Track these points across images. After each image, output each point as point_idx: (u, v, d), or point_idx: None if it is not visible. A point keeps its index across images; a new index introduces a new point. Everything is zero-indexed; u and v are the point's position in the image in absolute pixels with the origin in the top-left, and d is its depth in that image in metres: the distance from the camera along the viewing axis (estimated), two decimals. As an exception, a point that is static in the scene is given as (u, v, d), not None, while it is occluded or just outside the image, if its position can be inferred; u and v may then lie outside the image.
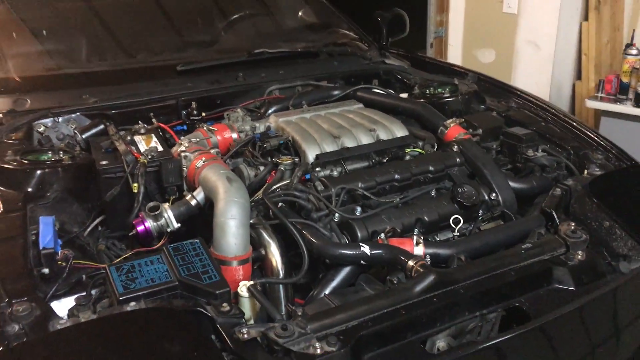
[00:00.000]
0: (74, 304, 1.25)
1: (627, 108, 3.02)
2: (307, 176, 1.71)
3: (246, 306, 1.40)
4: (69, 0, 2.50)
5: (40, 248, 1.38)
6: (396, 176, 1.70)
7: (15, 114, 1.95)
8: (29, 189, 1.57)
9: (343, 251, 1.46)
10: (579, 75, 4.08)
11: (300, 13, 3.00)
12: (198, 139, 1.83)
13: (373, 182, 1.67)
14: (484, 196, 1.72)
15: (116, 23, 2.44)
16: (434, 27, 4.50)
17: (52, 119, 1.92)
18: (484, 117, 2.14)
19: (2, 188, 1.56)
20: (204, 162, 1.62)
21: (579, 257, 1.50)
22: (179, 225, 1.56)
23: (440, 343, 1.33)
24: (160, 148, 1.77)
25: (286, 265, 1.51)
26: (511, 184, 1.80)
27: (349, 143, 1.83)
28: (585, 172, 1.88)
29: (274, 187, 1.66)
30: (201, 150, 1.70)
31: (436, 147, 1.95)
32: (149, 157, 1.70)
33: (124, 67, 2.30)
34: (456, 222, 1.64)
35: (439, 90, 2.28)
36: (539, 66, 4.08)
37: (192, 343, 1.17)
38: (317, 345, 1.19)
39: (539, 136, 2.02)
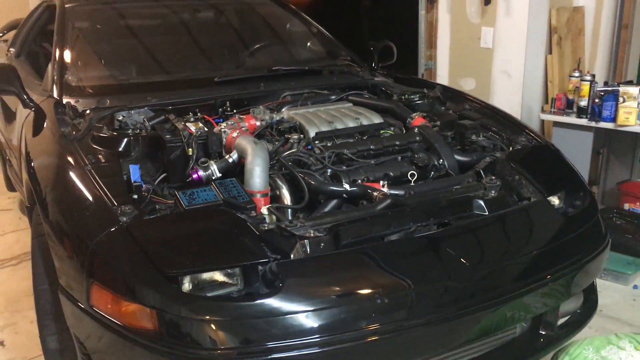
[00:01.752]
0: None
1: (571, 119, 3.74)
2: (309, 147, 2.44)
3: (267, 220, 2.11)
4: (135, 33, 3.33)
5: (133, 181, 2.11)
6: (371, 146, 2.43)
7: (99, 110, 2.71)
8: (120, 150, 2.30)
9: (331, 187, 2.18)
10: (546, 99, 4.81)
11: (309, 44, 3.79)
12: (232, 123, 2.57)
13: (355, 150, 2.40)
14: (434, 161, 2.43)
15: (172, 48, 3.26)
16: (424, 60, 5.27)
17: (127, 111, 2.67)
18: (443, 114, 2.88)
19: (102, 149, 2.30)
20: (237, 134, 2.37)
21: (492, 194, 2.21)
22: (221, 175, 2.28)
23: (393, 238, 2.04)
24: (206, 128, 2.52)
25: (292, 202, 2.23)
26: (458, 157, 2.52)
27: (340, 126, 2.57)
28: (510, 148, 2.60)
29: (286, 153, 2.39)
30: (235, 128, 2.44)
31: (404, 131, 2.68)
32: (199, 132, 2.44)
33: (178, 78, 3.08)
34: (412, 176, 2.35)
35: (411, 96, 3.03)
36: (511, 92, 4.82)
37: (235, 226, 1.88)
38: (311, 232, 1.91)
39: (481, 127, 2.75)
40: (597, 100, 3.64)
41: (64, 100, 2.78)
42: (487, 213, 2.15)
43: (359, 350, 1.74)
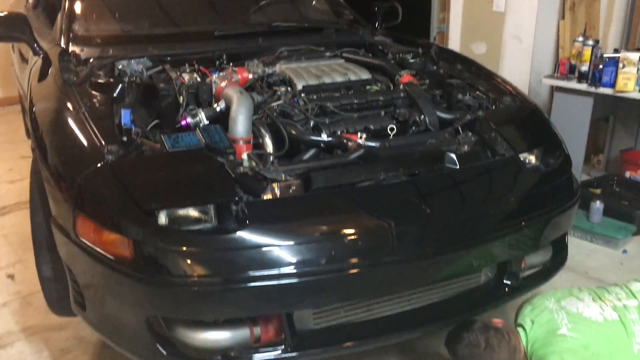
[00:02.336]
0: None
1: (572, 84, 3.75)
2: (295, 99, 2.54)
3: (247, 165, 2.24)
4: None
5: (122, 124, 2.25)
6: (355, 101, 2.52)
7: (102, 58, 2.84)
8: (114, 95, 2.44)
9: (310, 137, 2.29)
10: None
11: (314, 2, 3.86)
12: (224, 75, 2.68)
13: (338, 103, 2.49)
14: (415, 117, 2.52)
15: (177, 2, 3.39)
16: (437, 23, 5.29)
17: (127, 60, 2.80)
18: (433, 73, 2.95)
19: (98, 94, 2.43)
20: (225, 84, 2.48)
21: (465, 149, 2.29)
22: (208, 122, 2.40)
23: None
24: (198, 78, 2.64)
25: (274, 150, 2.34)
26: (441, 115, 2.59)
27: (327, 80, 2.66)
28: (493, 107, 2.67)
29: (273, 104, 2.50)
30: (225, 79, 2.55)
31: (391, 87, 2.76)
32: (191, 82, 2.56)
33: (179, 31, 3.19)
34: (391, 130, 2.44)
35: (405, 55, 3.10)
36: (521, 57, 4.82)
37: (212, 168, 2.01)
38: (282, 176, 2.03)
39: (469, 86, 2.81)
40: (599, 67, 3.64)
41: (70, 49, 2.92)
42: (457, 166, 2.24)
43: (313, 286, 1.87)
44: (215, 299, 1.85)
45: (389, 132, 2.44)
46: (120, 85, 2.46)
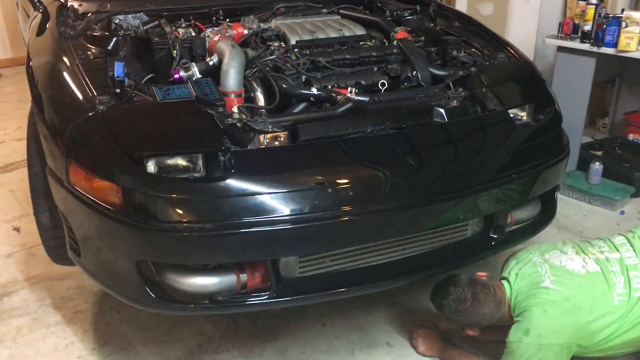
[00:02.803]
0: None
1: (574, 43, 3.71)
2: (288, 54, 2.56)
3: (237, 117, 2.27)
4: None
5: (115, 76, 2.29)
6: (347, 56, 2.53)
7: (99, 13, 2.87)
8: (109, 48, 2.47)
9: (300, 90, 2.32)
10: (564, 27, 4.74)
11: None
12: (219, 30, 2.70)
13: (330, 58, 2.51)
14: (407, 73, 2.52)
15: None
16: (444, -17, 5.23)
17: (124, 15, 2.83)
18: (429, 30, 2.95)
19: (93, 47, 2.46)
20: (218, 38, 2.50)
21: (454, 104, 2.31)
22: (201, 76, 2.42)
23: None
24: (193, 33, 2.66)
25: (266, 104, 2.37)
26: (435, 71, 2.60)
27: (321, 36, 2.67)
28: (487, 64, 2.66)
29: (266, 58, 2.52)
30: (219, 33, 2.57)
31: (386, 44, 2.76)
32: (185, 36, 2.59)
33: None
34: (382, 85, 2.46)
35: (403, 12, 3.09)
36: (528, 18, 4.77)
37: (200, 119, 2.05)
38: (269, 127, 2.06)
39: (465, 43, 2.81)
40: (603, 27, 3.60)
41: (69, 4, 2.95)
42: (445, 120, 2.26)
43: (298, 233, 1.92)
44: (202, 245, 1.90)
45: (380, 87, 2.45)
46: (115, 39, 2.49)
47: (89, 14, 2.80)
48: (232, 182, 1.89)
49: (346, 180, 1.98)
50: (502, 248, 2.37)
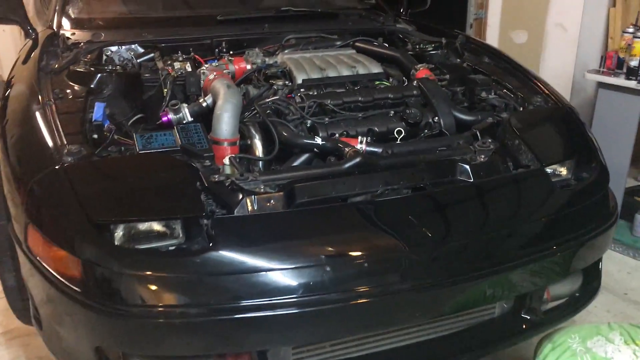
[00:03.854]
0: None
1: (619, 80, 3.34)
2: (294, 95, 2.26)
3: (228, 172, 1.97)
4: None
5: (93, 120, 2.01)
6: (360, 98, 2.22)
7: (92, 43, 2.61)
8: (92, 86, 2.20)
9: (302, 140, 2.01)
10: (605, 58, 4.37)
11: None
12: (218, 65, 2.41)
13: (340, 101, 2.19)
14: (428, 118, 2.20)
15: None
16: (474, 8, 4.89)
17: (117, 46, 2.56)
18: (455, 67, 2.61)
19: (75, 85, 2.19)
20: (214, 76, 2.21)
21: (481, 159, 1.97)
22: (192, 119, 2.14)
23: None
24: (189, 68, 2.37)
25: (265, 154, 2.07)
26: (460, 116, 2.27)
27: (332, 74, 2.36)
28: (521, 109, 2.32)
29: (267, 100, 2.22)
30: (216, 70, 2.28)
31: (405, 83, 2.44)
32: (179, 72, 2.30)
33: (181, 15, 2.93)
34: (399, 133, 2.13)
35: (426, 46, 2.77)
36: (566, 48, 4.40)
37: (182, 176, 1.75)
38: (261, 187, 1.75)
39: (495, 83, 2.48)
40: (652, 61, 3.22)
41: (61, 32, 2.70)
42: (471, 180, 1.92)
43: (292, 320, 1.59)
44: (176, 333, 1.59)
45: (396, 135, 2.13)
46: (98, 75, 2.22)
47: (80, 45, 2.54)
48: (213, 257, 1.58)
49: (351, 255, 1.65)
50: (537, 332, 2.01)
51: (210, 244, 1.60)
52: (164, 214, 1.65)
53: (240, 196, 1.72)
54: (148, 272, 1.56)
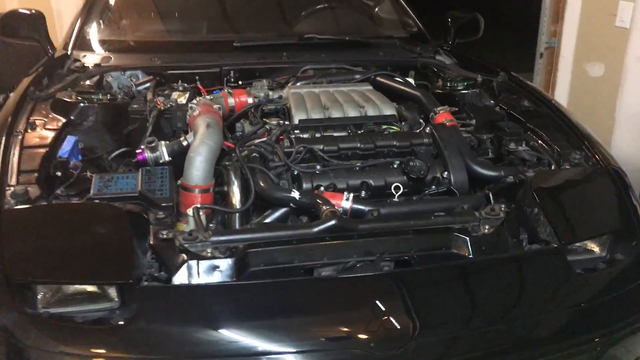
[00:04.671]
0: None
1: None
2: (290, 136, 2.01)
3: (192, 224, 1.74)
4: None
5: (58, 156, 1.85)
6: (359, 144, 1.93)
7: (100, 67, 2.48)
8: (72, 117, 2.05)
9: (277, 194, 1.75)
10: (695, 98, 3.83)
11: (377, 9, 3.27)
12: (214, 98, 2.21)
13: (335, 147, 1.92)
14: (436, 173, 1.89)
15: (205, 7, 2.94)
16: (546, 37, 4.45)
17: (118, 72, 2.42)
18: (486, 110, 2.27)
19: (55, 114, 2.05)
20: (199, 112, 1.99)
21: (485, 231, 1.63)
22: (170, 159, 1.93)
23: (326, 274, 1.57)
24: (183, 100, 2.18)
25: (243, 203, 1.83)
26: (480, 169, 1.94)
27: (336, 114, 2.09)
28: (553, 167, 1.95)
29: (258, 140, 1.98)
30: (205, 104, 2.07)
31: (421, 127, 2.12)
32: (168, 105, 2.11)
33: (197, 39, 2.77)
34: (397, 189, 1.83)
35: (460, 83, 2.44)
36: (647, 85, 3.90)
37: (123, 231, 1.54)
38: (209, 251, 1.51)
39: (530, 132, 2.12)
40: None
41: (74, 53, 2.60)
42: (470, 255, 1.59)
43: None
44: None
45: (394, 191, 1.84)
46: (80, 106, 2.07)
47: (91, 66, 2.43)
48: (130, 336, 1.36)
49: (301, 349, 1.37)
50: None
51: (132, 318, 1.37)
52: (90, 277, 1.44)
53: (184, 259, 1.49)
54: (56, 348, 1.35)
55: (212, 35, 2.82)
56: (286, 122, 2.10)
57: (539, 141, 2.09)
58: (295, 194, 1.73)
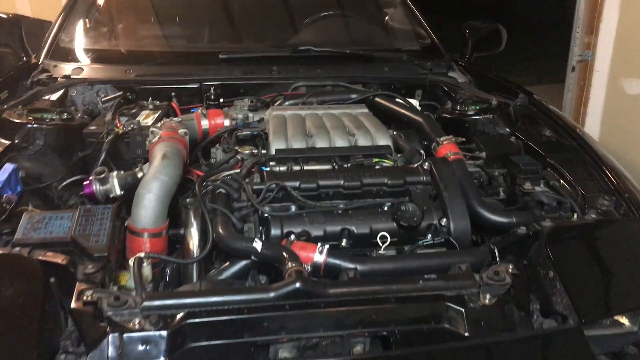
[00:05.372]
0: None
1: None
2: (263, 168, 1.71)
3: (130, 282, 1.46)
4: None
5: (-14, 188, 1.59)
6: (342, 182, 1.63)
7: (67, 80, 2.23)
8: (16, 140, 1.79)
9: (236, 243, 1.46)
10: None
11: (387, 18, 2.96)
12: (184, 120, 1.92)
13: (314, 184, 1.61)
14: (432, 219, 1.57)
15: (181, 10, 2.66)
16: (579, 48, 4.07)
17: (84, 86, 2.15)
18: (498, 140, 1.95)
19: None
20: (159, 138, 1.71)
21: (486, 301, 1.31)
22: (123, 192, 1.66)
23: (285, 353, 1.27)
24: (149, 122, 1.90)
25: (200, 248, 1.55)
26: (487, 214, 1.63)
27: (320, 143, 1.79)
28: (575, 216, 1.62)
29: (227, 173, 1.69)
30: (169, 128, 1.78)
31: (421, 162, 1.81)
32: (129, 128, 1.84)
33: (178, 50, 2.49)
34: (383, 239, 1.52)
35: (472, 107, 2.12)
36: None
37: (35, 294, 1.26)
38: (136, 321, 1.22)
39: (551, 170, 1.79)
40: None
41: (45, 63, 2.36)
42: (465, 333, 1.28)
43: None
44: None
45: (380, 242, 1.53)
46: (26, 127, 1.81)
47: (60, 78, 2.19)
48: None
49: None
50: None
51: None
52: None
53: (105, 331, 1.20)
54: None
55: (197, 45, 2.54)
56: (264, 151, 1.81)
57: (561, 181, 1.76)
58: (258, 245, 1.43)
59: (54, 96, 2.11)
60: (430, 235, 1.57)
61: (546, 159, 1.83)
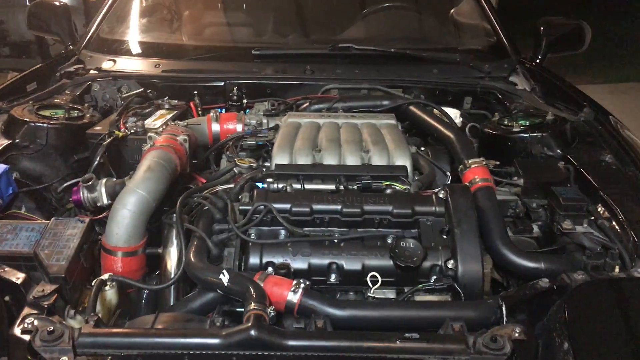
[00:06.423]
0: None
1: None
2: (261, 185, 1.55)
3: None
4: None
5: (-25, 190, 1.54)
6: (340, 208, 1.42)
7: (94, 73, 2.17)
8: (17, 139, 1.73)
9: (201, 274, 1.30)
10: None
11: (452, 11, 2.67)
12: (188, 124, 1.79)
13: (307, 209, 1.42)
14: (438, 260, 1.34)
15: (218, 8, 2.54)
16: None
17: (107, 81, 2.08)
18: (542, 165, 1.65)
19: (2, 135, 1.75)
20: (151, 145, 1.58)
21: (484, 372, 1.08)
22: (110, 202, 1.56)
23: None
24: (156, 125, 1.79)
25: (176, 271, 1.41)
26: (510, 256, 1.38)
27: (329, 159, 1.59)
28: (617, 269, 1.33)
29: (216, 189, 1.55)
30: (168, 134, 1.64)
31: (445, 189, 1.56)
32: (131, 131, 1.73)
33: (214, 44, 2.36)
34: (373, 281, 1.31)
35: (520, 121, 1.83)
36: None
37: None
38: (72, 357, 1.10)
39: (604, 207, 1.49)
40: None
41: (82, 53, 2.32)
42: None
43: None
44: None
45: (370, 284, 1.32)
46: (29, 126, 1.75)
47: (78, 73, 2.13)
48: None
49: None
50: None
51: None
52: None
53: None
54: None
55: (234, 39, 2.40)
56: (266, 164, 1.64)
57: (612, 222, 1.45)
58: (224, 278, 1.26)
59: (77, 90, 2.04)
60: (435, 276, 1.34)
61: (598, 192, 1.52)
